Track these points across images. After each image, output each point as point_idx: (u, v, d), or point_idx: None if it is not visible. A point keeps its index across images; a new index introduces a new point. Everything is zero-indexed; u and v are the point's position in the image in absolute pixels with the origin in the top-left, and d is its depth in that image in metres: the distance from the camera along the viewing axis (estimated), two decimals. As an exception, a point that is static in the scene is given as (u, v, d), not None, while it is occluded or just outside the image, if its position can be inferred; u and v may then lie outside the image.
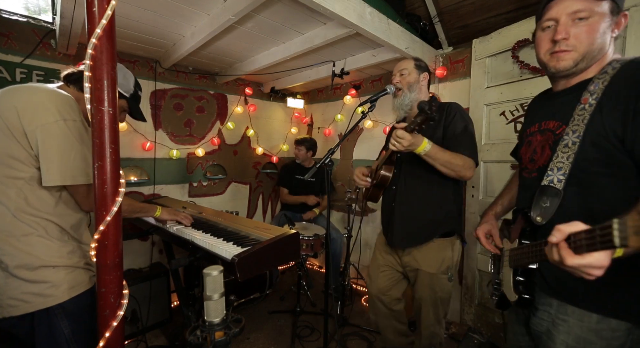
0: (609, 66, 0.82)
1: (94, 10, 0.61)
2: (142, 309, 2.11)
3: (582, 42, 0.82)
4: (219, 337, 0.86)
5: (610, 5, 0.80)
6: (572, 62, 0.85)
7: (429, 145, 1.28)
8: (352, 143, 3.25)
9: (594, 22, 0.80)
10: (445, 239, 1.51)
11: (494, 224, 1.17)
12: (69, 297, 1.01)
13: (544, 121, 0.96)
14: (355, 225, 2.68)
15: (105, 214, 0.63)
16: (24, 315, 0.97)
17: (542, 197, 0.87)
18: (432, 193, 1.50)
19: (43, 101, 0.97)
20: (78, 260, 1.06)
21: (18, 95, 0.97)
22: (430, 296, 1.51)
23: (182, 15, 1.85)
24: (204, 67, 2.87)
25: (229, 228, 1.59)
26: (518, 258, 0.92)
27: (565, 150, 0.83)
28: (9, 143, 0.95)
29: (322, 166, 1.47)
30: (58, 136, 0.95)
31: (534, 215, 0.88)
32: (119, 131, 0.67)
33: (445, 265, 1.50)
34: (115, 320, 0.66)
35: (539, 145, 0.95)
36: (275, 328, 2.36)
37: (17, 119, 0.93)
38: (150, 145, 2.60)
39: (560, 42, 0.84)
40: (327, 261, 1.88)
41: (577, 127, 0.81)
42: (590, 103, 0.80)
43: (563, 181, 0.83)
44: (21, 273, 0.96)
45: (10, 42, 1.99)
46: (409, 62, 1.60)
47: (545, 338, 0.90)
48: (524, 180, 1.04)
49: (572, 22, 0.82)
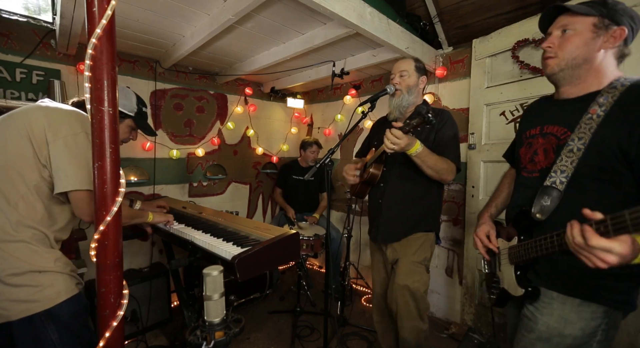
0: (617, 82, 0.89)
1: (94, 10, 0.60)
2: (142, 309, 2.11)
3: (563, 50, 0.94)
4: (219, 337, 0.86)
5: (595, 21, 0.89)
6: (555, 68, 0.96)
7: (420, 147, 1.34)
8: (352, 143, 3.25)
9: (573, 34, 0.92)
10: (423, 233, 1.59)
11: (491, 225, 1.21)
12: (54, 303, 1.00)
13: (547, 125, 1.02)
14: (355, 224, 2.68)
15: (105, 215, 0.63)
16: (2, 324, 0.95)
17: (543, 196, 0.93)
18: (418, 192, 1.57)
19: (69, 116, 1.08)
20: (63, 266, 1.06)
21: (47, 111, 1.08)
22: (409, 285, 1.52)
23: (182, 15, 1.85)
24: (204, 67, 2.87)
25: (229, 228, 1.59)
26: (521, 254, 0.98)
27: (570, 155, 0.90)
28: (26, 151, 1.01)
29: (322, 166, 1.48)
30: (79, 147, 1.04)
31: (535, 211, 0.94)
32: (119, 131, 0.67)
33: (422, 256, 1.57)
34: (115, 320, 0.65)
35: (541, 147, 1.02)
36: (275, 328, 2.36)
37: (42, 131, 1.02)
38: (150, 145, 2.60)
39: (546, 50, 0.98)
40: (327, 261, 1.88)
41: (584, 135, 0.88)
42: (598, 114, 0.87)
43: (565, 183, 0.90)
44: (9, 279, 0.95)
45: (10, 42, 1.99)
46: (409, 63, 1.60)
47: (527, 321, 1.00)
48: (523, 179, 1.09)
49: (560, 34, 0.95)
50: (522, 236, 1.02)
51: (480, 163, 2.18)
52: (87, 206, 1.04)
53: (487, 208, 1.27)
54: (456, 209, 2.40)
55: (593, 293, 0.89)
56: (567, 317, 0.92)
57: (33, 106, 1.10)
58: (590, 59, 0.91)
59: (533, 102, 1.20)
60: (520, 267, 1.02)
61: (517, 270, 1.02)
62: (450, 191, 2.42)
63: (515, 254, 1.02)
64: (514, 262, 1.03)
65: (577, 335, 0.90)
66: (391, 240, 1.62)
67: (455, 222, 2.41)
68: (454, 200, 2.41)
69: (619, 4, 0.89)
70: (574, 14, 0.92)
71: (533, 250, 0.92)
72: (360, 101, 2.62)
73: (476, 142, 2.19)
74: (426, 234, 1.60)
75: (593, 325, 0.89)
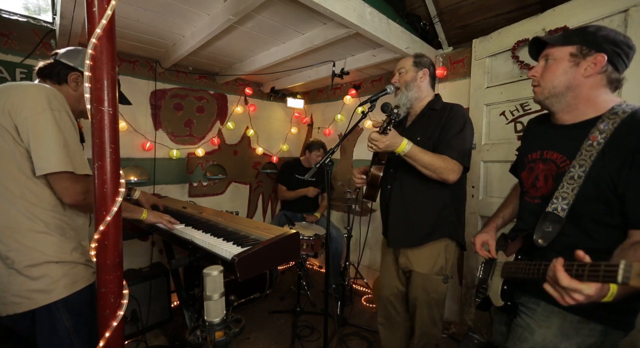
0: (619, 107, 0.88)
1: (94, 10, 0.60)
2: (142, 309, 2.11)
3: (544, 79, 0.99)
4: (219, 337, 0.86)
5: (572, 50, 0.93)
6: (540, 96, 1.01)
7: (408, 146, 1.30)
8: (352, 143, 3.25)
9: (552, 63, 0.97)
10: (439, 241, 1.49)
11: (492, 235, 1.23)
12: (70, 292, 1.03)
13: (547, 150, 1.03)
14: (356, 224, 2.68)
15: (105, 214, 0.63)
16: (26, 312, 0.98)
17: (545, 222, 0.95)
18: (427, 195, 1.48)
19: (31, 94, 1.00)
20: (79, 256, 1.08)
21: (7, 93, 1.01)
22: (424, 298, 1.50)
23: (182, 15, 1.85)
24: (204, 67, 2.87)
25: (229, 228, 1.59)
26: (513, 271, 1.00)
27: (571, 182, 0.91)
28: (8, 140, 0.97)
29: (322, 166, 1.48)
30: (47, 125, 0.97)
31: (536, 238, 0.96)
32: (119, 131, 0.67)
33: (438, 266, 1.48)
34: (115, 320, 0.65)
35: (542, 174, 1.03)
36: (275, 328, 2.36)
37: (9, 116, 0.97)
38: (150, 145, 2.60)
39: (532, 79, 1.04)
40: (327, 261, 1.88)
41: (584, 163, 0.89)
42: (599, 142, 0.87)
43: (566, 210, 0.91)
44: (26, 270, 0.97)
45: (10, 42, 1.99)
46: (407, 60, 1.58)
47: (521, 331, 1.01)
48: (526, 204, 1.10)
49: (544, 64, 1.00)
50: (520, 255, 1.04)
51: (480, 163, 2.18)
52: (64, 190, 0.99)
53: (494, 219, 1.29)
54: (456, 209, 2.39)
55: (592, 311, 0.90)
56: (566, 332, 0.92)
57: None
58: (573, 87, 0.93)
59: (532, 120, 1.20)
60: (508, 282, 1.05)
61: (505, 284, 1.06)
62: (450, 191, 2.42)
63: (508, 269, 1.04)
64: (504, 276, 1.06)
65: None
66: (401, 245, 1.55)
67: (455, 222, 2.40)
68: (454, 200, 2.41)
69: (602, 30, 0.90)
70: (552, 45, 0.97)
71: (522, 271, 0.94)
72: (360, 101, 2.62)
73: (476, 142, 2.19)
74: (443, 242, 1.49)
75: (589, 342, 0.90)
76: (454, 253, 1.53)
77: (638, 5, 1.49)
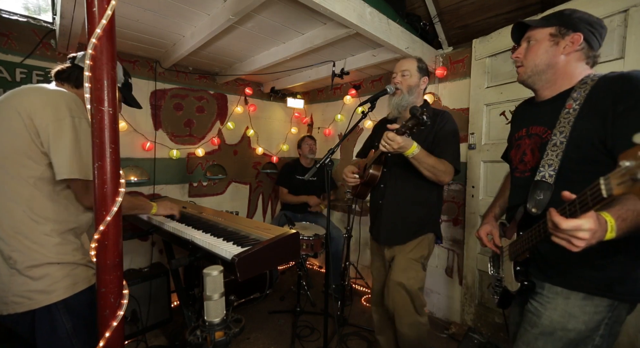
0: (588, 77, 0.96)
1: (94, 10, 0.60)
2: (142, 309, 2.11)
3: (527, 59, 1.06)
4: (219, 337, 0.86)
5: (552, 30, 1.00)
6: (524, 75, 1.07)
7: (417, 149, 1.36)
8: (352, 143, 3.25)
9: (534, 44, 1.04)
10: (425, 236, 1.61)
11: (494, 225, 1.24)
12: (71, 293, 1.03)
13: (531, 126, 1.09)
14: (355, 224, 2.68)
15: (105, 214, 0.63)
16: (26, 312, 0.98)
17: (536, 191, 0.98)
18: (419, 194, 1.58)
19: (53, 100, 1.02)
20: (81, 257, 1.08)
21: (31, 95, 1.03)
22: (404, 282, 1.53)
23: (182, 15, 1.85)
24: (204, 67, 2.87)
25: (229, 228, 1.58)
26: (518, 248, 1.02)
27: (554, 149, 0.96)
28: (24, 141, 0.98)
29: (322, 165, 1.48)
30: (68, 132, 0.99)
31: (530, 207, 0.98)
32: (119, 131, 0.67)
33: (419, 253, 1.58)
34: (115, 320, 0.65)
35: (528, 148, 1.08)
36: (275, 328, 2.36)
37: (28, 117, 0.98)
38: (150, 145, 2.60)
39: (515, 60, 1.10)
40: (327, 261, 1.88)
41: (564, 129, 0.94)
42: (574, 108, 0.94)
43: (554, 176, 0.94)
44: (28, 271, 0.98)
45: (10, 42, 1.99)
46: (412, 63, 1.60)
47: (531, 316, 1.02)
48: (516, 180, 1.15)
49: (527, 46, 1.07)
50: (520, 232, 1.05)
51: (481, 163, 2.18)
52: (80, 195, 1.05)
53: (492, 209, 1.31)
54: (456, 209, 2.40)
55: (594, 285, 0.91)
56: (570, 311, 0.94)
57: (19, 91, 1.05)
58: (553, 64, 1.01)
59: (518, 105, 1.26)
60: (519, 263, 1.05)
61: (517, 265, 1.06)
62: (450, 191, 2.42)
63: (514, 250, 1.05)
64: (513, 258, 1.06)
65: (580, 329, 0.92)
66: (392, 243, 1.64)
67: (455, 222, 2.41)
68: (454, 200, 2.41)
69: (576, 12, 0.99)
70: (534, 28, 1.05)
71: (526, 241, 0.96)
72: (360, 101, 2.62)
73: (476, 142, 2.19)
74: (426, 235, 1.61)
75: (596, 319, 0.91)
76: (432, 245, 1.65)
77: (638, 5, 1.49)
